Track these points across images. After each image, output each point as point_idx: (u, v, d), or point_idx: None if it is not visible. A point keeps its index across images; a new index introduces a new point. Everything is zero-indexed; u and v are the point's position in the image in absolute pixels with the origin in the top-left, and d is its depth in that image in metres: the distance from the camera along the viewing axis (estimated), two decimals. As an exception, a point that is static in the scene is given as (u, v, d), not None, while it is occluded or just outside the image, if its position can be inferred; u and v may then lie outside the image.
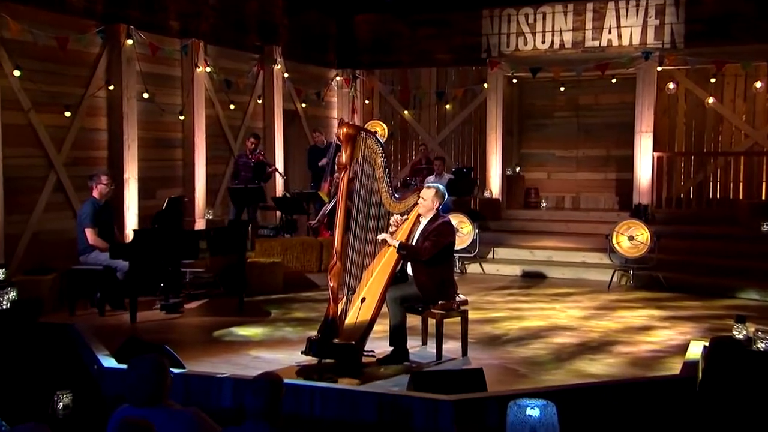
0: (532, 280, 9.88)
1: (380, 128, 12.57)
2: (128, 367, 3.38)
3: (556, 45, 11.86)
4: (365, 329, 5.61)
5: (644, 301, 8.45)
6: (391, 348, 5.85)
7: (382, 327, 6.00)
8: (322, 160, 11.23)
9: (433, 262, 5.80)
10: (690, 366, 4.80)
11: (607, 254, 9.65)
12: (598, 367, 5.83)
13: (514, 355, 6.13)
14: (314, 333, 5.75)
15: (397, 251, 5.79)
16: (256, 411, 3.11)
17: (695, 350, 5.06)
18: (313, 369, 5.47)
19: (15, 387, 4.79)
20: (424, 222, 5.97)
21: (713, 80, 11.42)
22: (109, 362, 4.90)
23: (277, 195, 11.25)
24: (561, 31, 11.83)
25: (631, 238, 9.24)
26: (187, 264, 8.35)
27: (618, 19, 11.53)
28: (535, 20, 11.97)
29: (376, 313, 5.69)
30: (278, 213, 11.02)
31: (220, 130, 10.99)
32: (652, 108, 11.22)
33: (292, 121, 12.53)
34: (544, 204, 12.64)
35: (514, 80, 12.40)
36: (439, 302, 5.89)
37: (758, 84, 11.25)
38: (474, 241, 10.07)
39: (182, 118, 10.09)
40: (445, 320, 5.95)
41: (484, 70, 12.28)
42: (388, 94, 13.43)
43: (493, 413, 4.12)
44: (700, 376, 4.59)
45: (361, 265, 5.81)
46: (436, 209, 5.92)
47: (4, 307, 5.31)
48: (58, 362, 5.31)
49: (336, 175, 6.29)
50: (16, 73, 7.74)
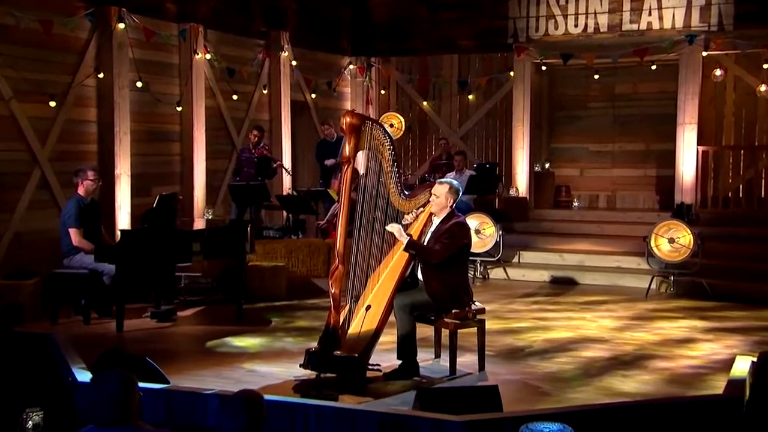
0: (562, 286, 9.76)
1: (397, 121, 12.36)
2: (91, 384, 3.25)
3: (590, 28, 11.67)
4: (370, 340, 5.49)
5: (685, 311, 8.30)
6: (400, 361, 5.72)
7: (390, 338, 5.88)
8: (330, 160, 11.09)
9: (445, 266, 5.67)
10: (736, 384, 4.63)
11: (644, 259, 9.49)
12: (631, 384, 5.68)
13: (536, 370, 6.00)
14: (315, 344, 5.61)
15: (405, 248, 5.63)
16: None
17: (742, 366, 4.90)
18: (311, 384, 5.34)
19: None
20: (436, 222, 5.83)
21: (766, 66, 11.12)
22: (84, 376, 4.76)
23: (284, 193, 11.17)
24: (595, 14, 11.62)
25: (672, 240, 9.04)
26: (182, 268, 8.32)
27: (659, -1, 11.31)
28: (566, 1, 11.79)
29: (383, 323, 5.56)
30: (285, 213, 10.89)
31: (222, 123, 10.93)
32: (697, 97, 11.04)
33: (301, 113, 12.45)
34: (576, 203, 12.52)
35: (544, 68, 12.26)
36: (453, 311, 5.75)
37: (816, 70, 10.97)
38: (497, 244, 9.95)
39: (180, 109, 10.04)
40: (460, 331, 5.83)
41: (511, 56, 12.16)
42: (405, 83, 13.35)
43: (508, 436, 3.92)
44: (748, 396, 4.42)
45: (366, 270, 5.70)
46: (450, 207, 5.77)
47: (-26, 314, 5.21)
48: (34, 376, 5.20)
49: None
50: (-4, 59, 7.72)
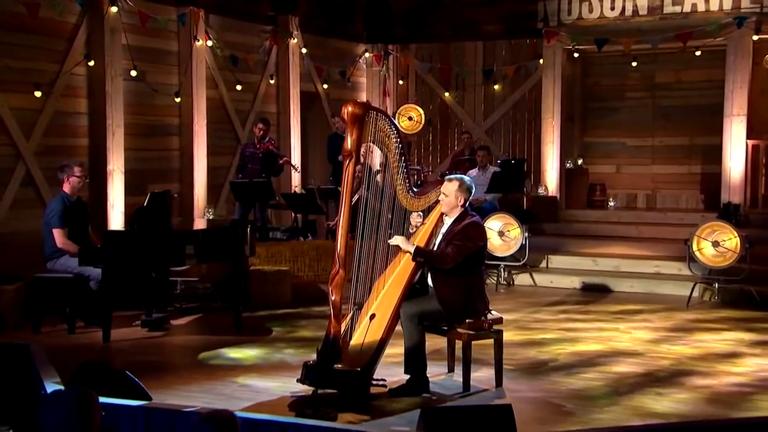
0: (593, 294, 9.61)
1: (416, 113, 12.29)
2: (44, 403, 3.12)
3: (628, 11, 11.47)
4: (374, 353, 5.38)
5: (731, 322, 8.11)
6: (407, 376, 5.58)
7: (397, 350, 5.76)
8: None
9: (458, 272, 5.53)
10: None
11: (686, 264, 9.24)
12: (666, 404, 5.52)
13: (560, 387, 5.85)
14: (314, 356, 5.49)
15: (413, 258, 5.51)
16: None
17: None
18: (308, 402, 5.20)
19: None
20: (448, 222, 5.70)
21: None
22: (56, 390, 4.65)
23: (294, 191, 11.11)
24: (634, -6, 11.46)
25: (716, 244, 8.82)
26: (177, 273, 8.28)
27: (705, -22, 11.13)
28: (601, -18, 11.65)
29: (388, 333, 5.45)
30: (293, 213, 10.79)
31: (225, 116, 10.92)
32: (746, 86, 10.85)
33: (312, 105, 12.41)
34: (611, 203, 12.43)
35: (576, 55, 12.19)
36: (466, 320, 5.61)
37: None
38: (523, 247, 9.84)
39: (178, 100, 10.03)
40: (476, 342, 5.73)
41: (540, 43, 12.10)
42: (425, 73, 13.35)
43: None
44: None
45: (370, 274, 5.59)
46: (462, 206, 5.64)
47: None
48: (7, 390, 5.11)
49: (358, 167, 6.02)
50: (-23, 46, 7.72)
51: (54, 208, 7.36)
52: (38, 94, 8.33)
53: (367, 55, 13.21)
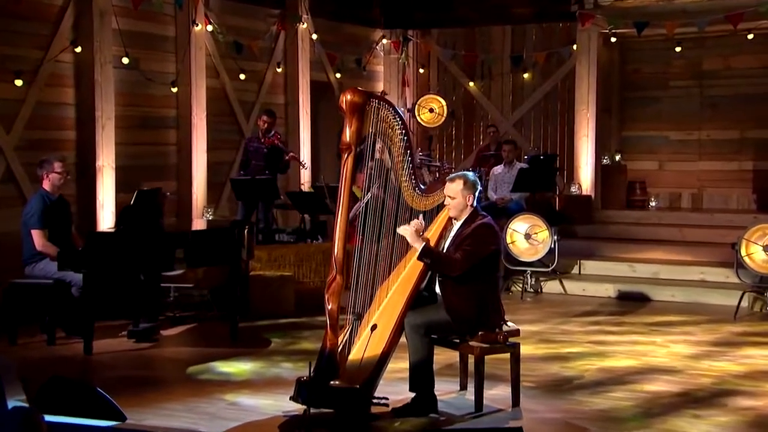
0: (630, 303, 9.51)
1: (437, 105, 12.36)
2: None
3: (671, -9, 11.45)
4: (375, 368, 5.24)
5: (782, 335, 7.98)
6: (413, 394, 5.46)
7: (403, 364, 5.64)
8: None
9: (468, 279, 5.40)
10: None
11: (734, 270, 9.11)
12: (703, 427, 5.36)
13: (583, 407, 5.71)
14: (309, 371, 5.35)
15: (419, 257, 5.38)
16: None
17: None
18: (299, 422, 5.13)
19: None
20: (457, 225, 5.58)
21: None
22: (17, 408, 4.56)
23: (300, 189, 11.04)
24: (677, -27, 11.44)
25: (768, 248, 8.63)
26: (170, 278, 8.22)
27: (757, -49, 11.08)
28: (641, -41, 11.61)
29: (391, 346, 5.32)
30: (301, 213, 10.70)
31: (227, 107, 10.88)
32: (805, 73, 10.76)
33: (323, 96, 12.37)
34: (653, 203, 12.42)
35: (614, 39, 12.06)
36: (479, 332, 5.48)
37: None
38: (552, 252, 9.73)
39: (175, 90, 9.99)
40: (492, 357, 5.62)
41: (574, 26, 12.00)
42: (449, 60, 13.30)
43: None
44: None
45: (372, 281, 5.47)
46: (472, 205, 5.51)
47: None
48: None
49: (370, 164, 5.93)
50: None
51: (33, 208, 7.32)
52: (19, 83, 8.29)
53: (384, 41, 13.13)
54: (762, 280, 8.92)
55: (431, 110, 12.29)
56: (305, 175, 11.39)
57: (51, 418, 4.03)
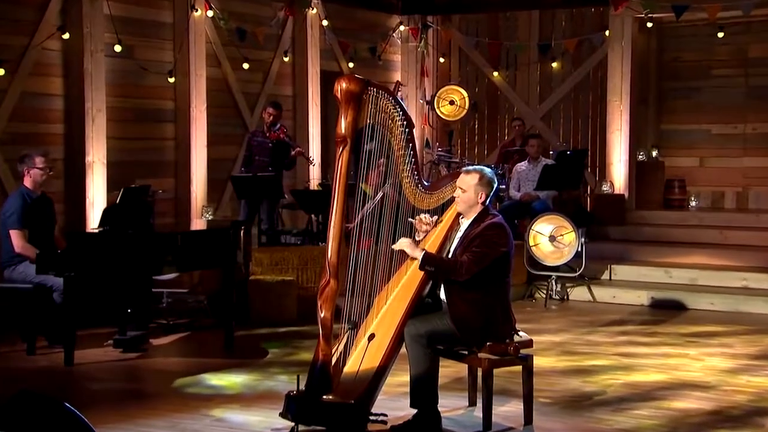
0: (664, 312, 9.42)
1: (458, 96, 12.35)
2: None
3: (713, -29, 11.43)
4: (372, 381, 5.14)
5: (831, 348, 7.85)
6: (414, 411, 5.36)
7: (404, 377, 5.55)
8: (369, 144, 10.78)
9: (477, 284, 5.28)
10: None
11: (780, 276, 9.06)
12: None
13: (603, 425, 5.59)
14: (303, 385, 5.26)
15: (421, 267, 5.29)
16: None
17: None
18: (288, 440, 5.01)
19: None
20: (465, 224, 5.47)
21: None
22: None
23: (305, 187, 11.00)
24: (720, -50, 11.42)
25: (816, 252, 8.50)
26: (164, 283, 8.26)
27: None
28: (681, -64, 11.58)
29: (389, 358, 5.22)
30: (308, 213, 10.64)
31: (230, 99, 10.88)
32: None
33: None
34: (693, 203, 12.44)
35: (650, 24, 12.12)
36: (487, 343, 5.36)
37: None
38: (579, 255, 9.65)
39: (173, 80, 9.98)
40: (503, 371, 5.59)
41: (607, 11, 12.02)
42: (471, 48, 13.27)
43: None
44: None
45: (368, 286, 5.39)
46: (483, 204, 5.41)
47: None
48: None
49: (381, 160, 5.88)
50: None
51: (12, 206, 7.29)
52: (1, 72, 8.28)
53: (401, 28, 13.10)
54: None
55: (452, 102, 12.26)
56: (313, 172, 11.33)
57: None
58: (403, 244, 5.34)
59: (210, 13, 10.22)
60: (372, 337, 5.24)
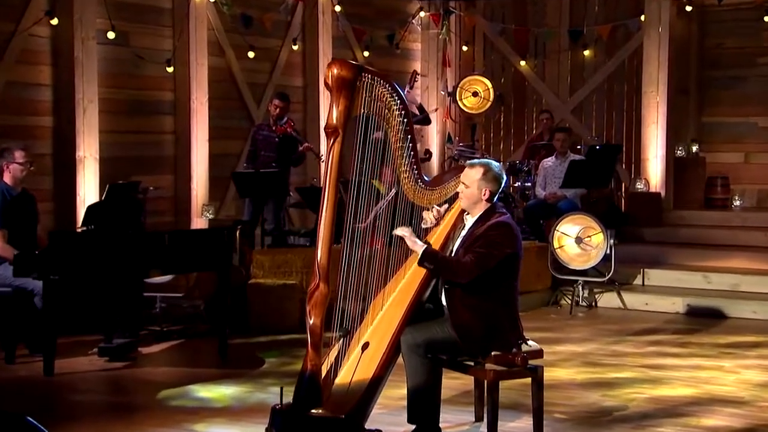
0: (701, 320, 9.34)
1: (482, 87, 12.32)
2: None
3: (760, -50, 11.52)
4: (365, 394, 5.07)
5: None
6: (412, 426, 5.32)
7: (403, 390, 5.47)
8: (378, 132, 10.69)
9: (480, 287, 5.20)
10: None
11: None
12: None
13: None
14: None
15: (420, 262, 5.22)
16: None
17: None
18: (272, 457, 4.95)
19: None
20: (469, 222, 5.40)
21: None
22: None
23: (311, 184, 10.94)
24: (768, -73, 11.48)
25: None
26: (156, 287, 8.23)
27: None
28: None
29: (384, 368, 5.15)
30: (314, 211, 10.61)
31: (234, 90, 10.89)
32: None
33: (349, 77, 12.16)
34: (737, 202, 12.40)
35: (690, 8, 12.11)
36: (492, 353, 5.26)
37: None
38: (607, 258, 9.55)
39: (171, 70, 9.98)
40: (517, 382, 5.61)
41: None
42: (496, 36, 13.30)
43: None
44: None
45: (362, 291, 5.32)
46: (488, 201, 5.33)
47: None
48: None
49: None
50: None
51: (-10, 204, 7.29)
52: (-16, 60, 8.38)
53: (422, 14, 13.10)
54: None
55: (475, 94, 12.19)
56: (323, 169, 11.22)
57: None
58: (404, 231, 5.27)
59: (213, -2, 10.26)
60: (366, 345, 5.19)
